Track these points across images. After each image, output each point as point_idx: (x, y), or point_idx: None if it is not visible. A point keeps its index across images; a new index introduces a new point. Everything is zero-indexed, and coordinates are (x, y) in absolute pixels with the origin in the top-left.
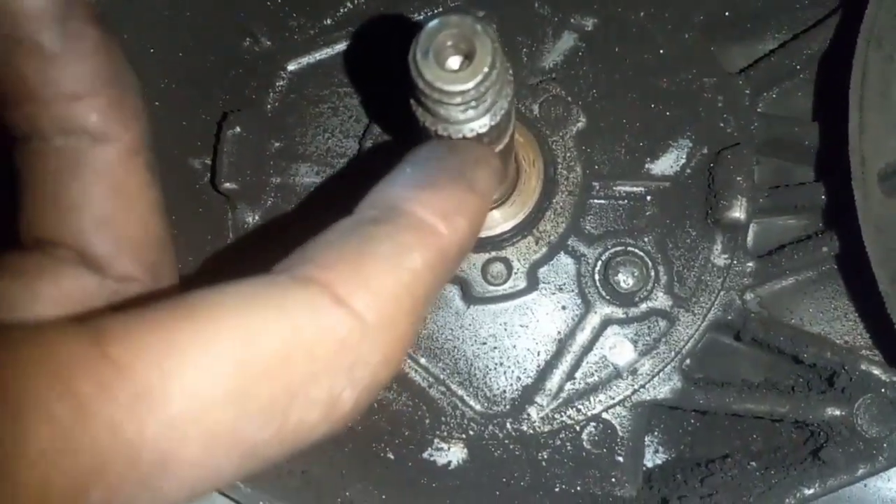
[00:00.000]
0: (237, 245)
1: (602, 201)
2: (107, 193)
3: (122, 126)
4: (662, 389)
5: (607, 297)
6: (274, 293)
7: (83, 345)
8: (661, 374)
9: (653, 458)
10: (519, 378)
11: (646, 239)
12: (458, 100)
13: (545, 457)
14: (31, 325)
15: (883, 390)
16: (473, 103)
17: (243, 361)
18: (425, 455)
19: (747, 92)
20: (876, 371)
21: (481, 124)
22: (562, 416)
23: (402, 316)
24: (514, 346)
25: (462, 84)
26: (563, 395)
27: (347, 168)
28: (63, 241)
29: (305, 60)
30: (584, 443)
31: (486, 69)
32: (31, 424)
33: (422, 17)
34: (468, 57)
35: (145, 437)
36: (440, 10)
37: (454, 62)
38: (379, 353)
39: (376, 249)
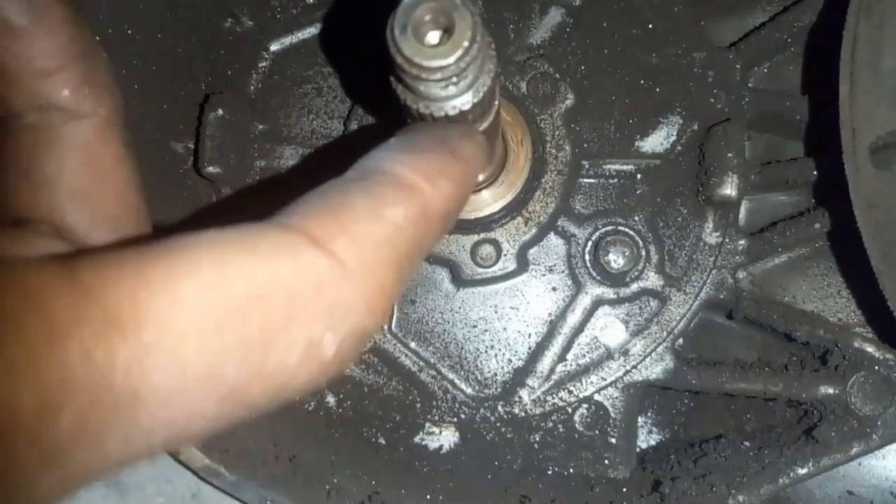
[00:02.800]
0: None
1: (592, 180)
2: (81, 168)
3: (94, 101)
4: (655, 370)
5: (598, 278)
6: (249, 236)
7: (56, 272)
8: (653, 354)
9: (646, 438)
10: (510, 361)
11: (636, 218)
12: (439, 76)
13: (537, 439)
14: (7, 258)
15: (877, 368)
16: (454, 79)
17: (216, 297)
18: (416, 439)
19: (738, 66)
20: (869, 349)
21: (463, 101)
22: (553, 399)
23: (383, 264)
24: (505, 329)
25: (442, 59)
26: (555, 377)
27: (333, 150)
28: (39, 217)
29: (288, 40)
30: (577, 425)
31: (466, 43)
32: (0, 341)
33: None
34: (447, 31)
35: (116, 362)
36: None
37: (433, 37)
38: (359, 297)
39: (357, 201)
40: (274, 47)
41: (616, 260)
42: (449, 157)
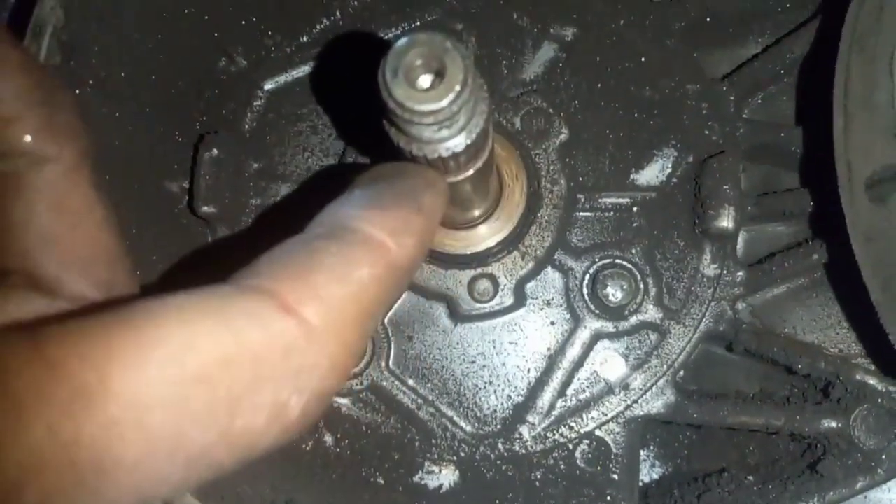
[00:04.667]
0: (216, 266)
1: (588, 214)
2: (50, 213)
3: (57, 145)
4: (656, 404)
5: (596, 312)
6: (217, 301)
7: (19, 346)
8: (653, 388)
9: (649, 472)
10: (509, 397)
11: (633, 251)
12: (431, 119)
13: (538, 477)
14: None
15: (879, 401)
16: (447, 122)
17: (183, 366)
18: (416, 479)
19: (732, 98)
20: (871, 381)
21: (457, 143)
22: (554, 435)
23: (349, 324)
24: (504, 364)
25: (433, 103)
26: (555, 412)
27: (329, 187)
28: (10, 267)
29: (283, 79)
30: (578, 461)
31: (458, 87)
32: None
33: (399, 31)
34: (439, 75)
35: (82, 437)
36: (417, 24)
37: (425, 81)
38: (326, 359)
39: (324, 262)
40: (268, 86)
41: (614, 293)
42: (414, 213)
